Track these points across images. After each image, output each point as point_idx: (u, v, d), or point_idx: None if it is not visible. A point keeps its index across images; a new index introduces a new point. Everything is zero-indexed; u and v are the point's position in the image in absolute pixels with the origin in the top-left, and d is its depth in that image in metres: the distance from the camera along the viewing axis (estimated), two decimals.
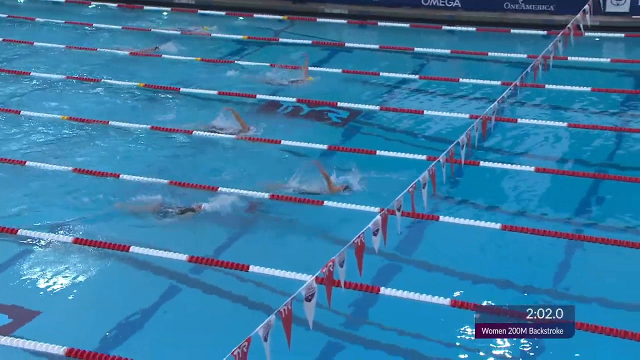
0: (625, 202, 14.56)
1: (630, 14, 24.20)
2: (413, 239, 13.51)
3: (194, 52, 23.42)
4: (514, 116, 18.26)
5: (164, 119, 18.88)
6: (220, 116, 18.21)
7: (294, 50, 23.64)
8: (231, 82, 21.14)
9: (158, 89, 20.89)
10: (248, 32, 25.65)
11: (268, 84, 20.91)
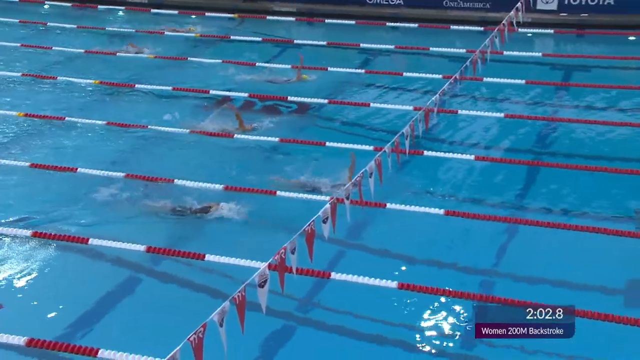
0: (558, 187, 14.75)
1: (558, 12, 24.59)
2: (362, 225, 13.52)
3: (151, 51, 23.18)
4: (455, 107, 18.37)
5: (120, 114, 18.61)
6: (214, 115, 17.97)
7: (246, 48, 23.46)
8: (185, 78, 20.95)
9: (113, 85, 20.63)
10: (200, 30, 25.44)
11: (269, 82, 20.68)
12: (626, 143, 16.64)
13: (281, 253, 9.23)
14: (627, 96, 19.01)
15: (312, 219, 10.14)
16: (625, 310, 11.06)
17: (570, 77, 20.75)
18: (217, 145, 17.09)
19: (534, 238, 13.18)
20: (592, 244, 12.83)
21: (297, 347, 10.82)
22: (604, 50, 22.79)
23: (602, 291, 11.74)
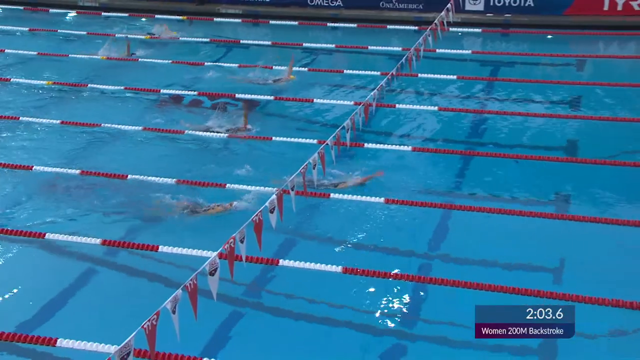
0: (489, 174, 14.91)
1: (485, 12, 24.87)
2: (307, 215, 13.46)
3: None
4: (393, 102, 18.43)
5: (74, 114, 18.27)
6: (215, 114, 17.58)
7: (195, 48, 23.22)
8: (137, 78, 20.66)
9: (67, 85, 20.25)
10: (150, 32, 25.09)
11: (250, 83, 20.32)
12: (547, 132, 16.89)
13: (230, 242, 9.16)
14: (547, 90, 19.28)
15: (259, 209, 10.11)
16: (552, 286, 11.24)
17: (497, 73, 20.97)
18: (169, 141, 16.89)
19: (467, 222, 13.32)
20: (518, 226, 13.02)
21: (248, 331, 10.75)
22: (526, 48, 23.11)
23: (528, 269, 11.92)
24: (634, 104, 18.00)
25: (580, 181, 14.58)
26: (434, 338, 10.51)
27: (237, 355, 9.77)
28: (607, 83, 19.09)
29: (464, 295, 11.09)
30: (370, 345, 10.37)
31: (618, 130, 16.64)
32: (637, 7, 23.50)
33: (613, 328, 10.43)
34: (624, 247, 12.36)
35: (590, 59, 21.45)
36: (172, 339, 8.27)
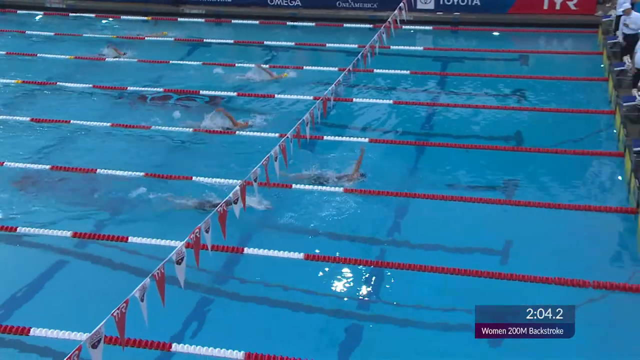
0: (442, 164, 14.96)
1: (435, 11, 24.98)
2: (270, 204, 13.40)
3: (69, 52, 22.42)
4: (350, 96, 18.42)
5: (43, 111, 17.97)
6: (209, 118, 17.04)
7: (159, 47, 22.94)
8: (105, 77, 20.37)
9: (36, 84, 19.91)
10: (116, 32, 24.79)
11: (246, 80, 20.01)
12: (495, 123, 17.01)
13: (196, 232, 9.10)
14: (493, 83, 19.39)
15: (223, 200, 10.05)
16: (501, 267, 11.40)
17: (447, 68, 21.04)
18: (136, 136, 16.70)
19: (421, 209, 13.38)
20: (470, 212, 13.13)
21: (215, 317, 10.72)
22: (474, 44, 23.23)
23: (480, 251, 12.02)
24: (573, 96, 18.20)
25: (525, 169, 14.71)
26: (391, 319, 10.57)
27: (204, 340, 9.69)
28: (549, 77, 19.31)
29: (419, 278, 11.18)
30: (331, 326, 10.39)
31: (559, 120, 16.83)
32: (574, 6, 23.92)
33: (558, 304, 10.53)
34: (566, 229, 12.54)
35: (532, 54, 21.66)
36: (141, 326, 8.23)
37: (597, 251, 11.86)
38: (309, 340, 10.03)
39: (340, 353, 9.79)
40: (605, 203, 13.15)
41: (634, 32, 17.61)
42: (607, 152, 15.16)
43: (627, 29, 18.19)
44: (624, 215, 12.72)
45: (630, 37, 17.75)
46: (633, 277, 11.08)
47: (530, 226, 12.66)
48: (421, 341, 10.07)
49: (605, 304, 10.55)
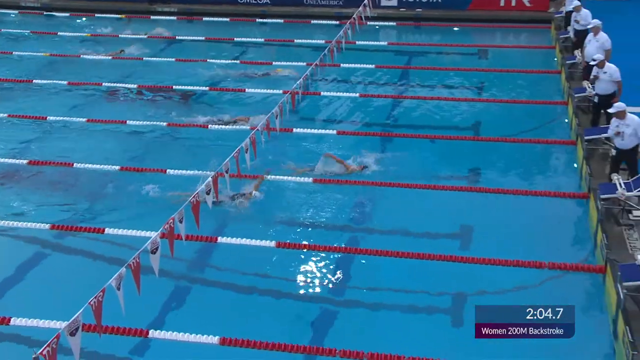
0: (407, 154, 14.97)
1: (398, 7, 25.09)
2: (245, 195, 13.32)
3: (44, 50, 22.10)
4: (318, 90, 18.40)
5: (20, 107, 17.71)
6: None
7: (133, 44, 22.69)
8: (79, 73, 20.10)
9: (11, 81, 19.68)
10: (90, 31, 24.50)
11: (242, 76, 19.81)
12: (457, 114, 17.10)
13: (170, 223, 9.04)
14: (454, 76, 19.49)
15: (196, 191, 9.99)
16: (463, 251, 11.46)
17: (411, 62, 21.11)
18: (111, 131, 16.51)
19: (387, 197, 13.39)
20: (433, 199, 13.20)
21: (190, 304, 10.63)
22: (435, 39, 23.36)
23: (443, 237, 12.07)
24: (528, 88, 18.37)
25: (485, 157, 14.81)
26: (360, 302, 10.57)
27: (180, 326, 9.63)
28: (506, 70, 19.46)
29: (388, 263, 11.21)
30: (303, 311, 10.37)
31: (516, 111, 16.99)
32: (528, 3, 24.16)
33: (512, 285, 10.67)
34: (524, 214, 12.64)
35: (490, 49, 21.81)
36: (118, 314, 8.18)
37: (552, 234, 11.98)
38: (283, 324, 10.00)
39: (313, 337, 9.76)
40: (560, 189, 13.28)
41: (583, 27, 17.79)
42: (561, 140, 15.31)
43: (577, 25, 18.39)
44: (577, 200, 12.87)
45: (580, 33, 17.93)
46: (586, 258, 11.24)
47: (491, 212, 12.76)
48: (391, 323, 10.09)
49: (560, 284, 10.66)
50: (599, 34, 16.00)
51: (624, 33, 19.60)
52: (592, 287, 10.60)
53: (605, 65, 14.35)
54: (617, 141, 12.40)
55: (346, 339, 9.49)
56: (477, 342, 9.38)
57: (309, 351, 9.32)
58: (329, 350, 9.18)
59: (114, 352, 9.49)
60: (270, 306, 10.48)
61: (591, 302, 10.40)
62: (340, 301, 10.68)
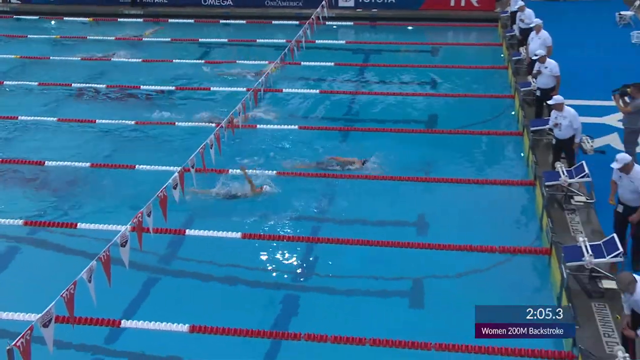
0: (365, 146, 14.96)
1: (355, 8, 25.14)
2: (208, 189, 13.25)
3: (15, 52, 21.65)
4: (279, 87, 18.31)
5: None
6: None
7: (100, 46, 22.36)
8: (49, 74, 19.74)
9: None
10: (60, 33, 24.06)
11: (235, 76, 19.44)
12: (412, 108, 17.16)
13: (138, 216, 8.94)
14: (409, 72, 19.53)
15: (163, 186, 9.89)
16: (419, 237, 11.55)
17: (367, 59, 21.15)
18: (82, 130, 16.24)
19: (347, 187, 13.41)
20: (391, 189, 13.24)
21: (159, 294, 10.53)
22: (391, 38, 23.42)
23: (401, 225, 12.14)
24: (478, 82, 18.51)
25: (439, 149, 14.89)
26: (323, 288, 10.58)
27: (150, 316, 9.52)
28: (457, 66, 19.58)
29: (348, 250, 11.21)
30: (269, 298, 10.33)
31: (467, 104, 17.11)
32: (476, 3, 24.38)
33: (466, 269, 10.78)
34: (476, 201, 12.74)
35: (442, 46, 21.94)
36: (89, 305, 8.07)
37: (502, 220, 12.11)
38: (250, 312, 9.96)
39: (279, 323, 9.73)
40: (508, 177, 13.44)
41: (527, 26, 18.04)
42: (509, 132, 15.48)
43: (522, 24, 18.67)
44: (524, 187, 13.04)
45: (525, 31, 18.17)
46: (533, 241, 11.39)
47: (445, 200, 12.86)
48: (353, 307, 10.12)
49: (510, 266, 10.79)
50: (540, 31, 16.25)
51: (564, 31, 19.91)
52: (538, 268, 10.76)
53: (546, 61, 14.59)
54: (555, 132, 12.63)
55: (311, 324, 9.47)
56: (435, 323, 9.56)
57: (275, 336, 9.30)
58: (294, 335, 9.17)
59: (88, 342, 9.40)
60: (237, 294, 10.45)
61: (538, 281, 10.58)
62: (304, 287, 10.69)
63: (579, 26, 22.33)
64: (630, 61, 18.84)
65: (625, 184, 9.95)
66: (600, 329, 8.72)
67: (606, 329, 8.70)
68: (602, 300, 9.23)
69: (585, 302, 9.19)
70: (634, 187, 9.82)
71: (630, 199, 9.95)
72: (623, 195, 10.06)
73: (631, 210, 9.97)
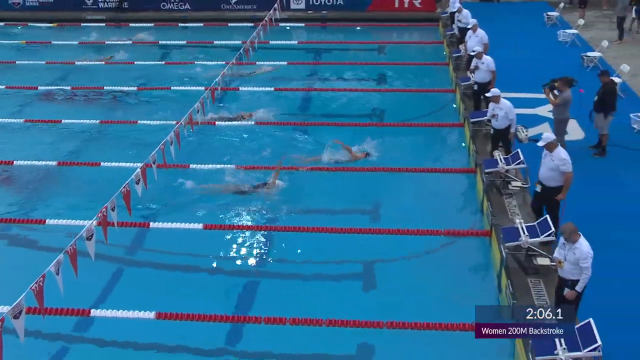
0: (318, 141, 14.90)
1: (306, 10, 25.08)
2: (171, 182, 13.00)
3: None
4: (236, 86, 18.15)
5: None
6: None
7: (66, 50, 21.85)
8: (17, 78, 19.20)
9: None
10: (26, 38, 23.42)
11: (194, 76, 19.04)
12: (360, 103, 17.17)
13: (103, 211, 8.76)
14: (357, 70, 19.54)
15: (126, 181, 9.70)
16: (370, 223, 11.60)
17: (319, 58, 21.09)
18: (48, 130, 15.86)
19: (302, 179, 13.30)
20: (342, 179, 13.23)
21: (126, 284, 10.35)
22: (340, 37, 23.40)
23: (351, 212, 12.16)
24: (422, 78, 18.62)
25: (387, 140, 14.90)
26: (282, 274, 10.55)
27: (116, 305, 9.37)
28: (402, 63, 19.68)
29: (302, 238, 11.18)
30: (230, 284, 10.25)
31: (412, 98, 17.22)
32: (419, 5, 24.57)
33: (415, 251, 10.86)
34: (421, 188, 12.83)
35: (388, 45, 22.02)
36: (58, 296, 7.91)
37: (446, 205, 12.22)
38: (212, 297, 9.87)
39: (240, 307, 9.67)
40: (451, 165, 13.57)
41: (465, 25, 18.24)
42: (451, 123, 15.62)
43: (460, 23, 18.91)
44: (466, 175, 13.17)
45: (463, 30, 18.38)
46: (474, 224, 11.52)
47: (393, 188, 12.90)
48: (310, 290, 10.10)
49: (454, 248, 10.90)
50: (477, 30, 16.42)
51: (498, 30, 20.17)
52: (480, 249, 10.89)
53: (483, 57, 14.76)
54: (493, 122, 12.79)
55: (272, 306, 9.44)
56: (385, 304, 9.58)
57: (237, 320, 9.25)
58: (255, 318, 9.12)
59: (58, 330, 9.20)
60: (200, 282, 10.33)
61: (480, 261, 10.72)
62: (263, 274, 10.60)
63: (512, 26, 22.69)
64: (557, 57, 19.30)
65: (547, 162, 10.16)
66: (536, 302, 8.87)
67: (540, 301, 8.85)
68: (537, 276, 9.39)
69: (522, 279, 9.33)
70: (554, 165, 10.02)
71: (548, 176, 10.14)
72: (543, 174, 10.26)
73: (549, 189, 10.16)
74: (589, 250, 8.00)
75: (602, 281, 8.85)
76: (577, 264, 8.03)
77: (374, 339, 8.88)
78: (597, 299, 8.57)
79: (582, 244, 8.04)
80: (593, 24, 22.52)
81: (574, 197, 10.48)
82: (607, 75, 13.56)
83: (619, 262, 10.01)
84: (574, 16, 22.97)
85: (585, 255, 7.97)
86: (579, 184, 10.68)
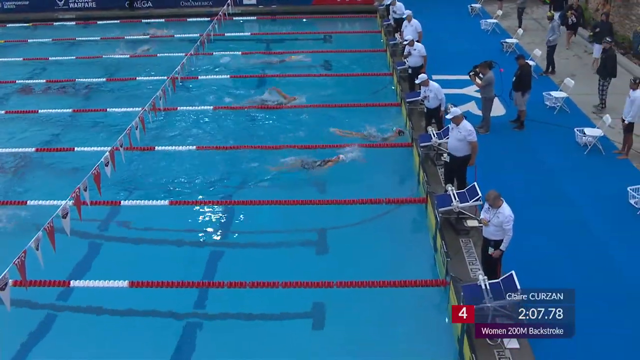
0: (272, 121, 14.66)
1: (257, 5, 24.70)
2: (137, 165, 12.69)
3: None
4: (195, 75, 17.67)
5: None
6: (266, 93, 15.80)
7: (41, 47, 20.98)
8: None
9: None
10: (6, 37, 22.48)
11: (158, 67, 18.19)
12: (310, 88, 16.72)
13: (76, 191, 8.48)
14: (306, 58, 19.10)
15: (96, 164, 9.40)
16: (322, 195, 11.48)
17: (270, 47, 20.73)
18: (26, 119, 15.25)
19: (255, 156, 12.99)
20: (295, 155, 12.97)
21: (98, 257, 10.13)
22: (289, 29, 23.07)
23: (307, 185, 11.99)
24: (363, 64, 18.51)
25: (335, 118, 14.72)
26: (244, 244, 10.45)
27: (93, 276, 9.17)
28: (346, 50, 19.54)
29: (261, 210, 11.02)
30: (196, 255, 10.11)
31: (356, 82, 17.11)
32: None
33: (361, 219, 10.80)
34: (367, 162, 12.62)
35: (333, 34, 21.83)
36: (38, 270, 7.68)
37: (387, 176, 12.24)
38: (179, 267, 9.70)
39: (206, 274, 9.54)
40: (390, 141, 13.55)
41: (399, 16, 18.23)
42: (390, 103, 15.59)
43: (395, 14, 18.87)
44: (404, 149, 13.16)
45: (398, 20, 18.37)
46: (412, 193, 11.59)
47: (340, 163, 12.81)
48: (268, 257, 10.03)
49: (395, 214, 10.92)
50: (411, 20, 16.39)
51: (429, 20, 20.12)
52: (418, 215, 10.95)
53: (415, 44, 14.75)
54: (425, 102, 12.84)
55: (235, 273, 9.34)
56: (338, 267, 9.53)
57: (202, 285, 9.14)
58: (219, 283, 9.03)
59: (41, 301, 8.98)
60: (169, 253, 10.15)
61: (418, 225, 10.76)
62: (225, 244, 10.48)
63: (440, 16, 22.76)
64: (481, 43, 19.52)
65: (454, 134, 10.29)
66: (466, 259, 9.01)
67: (471, 259, 9.00)
68: (467, 237, 9.53)
69: (455, 239, 9.46)
70: (461, 137, 10.16)
71: (456, 147, 10.31)
72: (451, 145, 10.37)
73: (456, 159, 10.32)
74: (510, 214, 8.12)
75: (521, 240, 9.00)
76: (501, 227, 8.15)
77: (326, 297, 8.86)
78: (516, 254, 8.73)
79: (504, 209, 8.16)
80: (509, 15, 22.79)
81: (496, 165, 10.62)
82: (523, 59, 13.73)
83: (535, 222, 10.21)
84: (494, 7, 23.24)
85: (508, 218, 8.09)
86: (501, 154, 10.80)
